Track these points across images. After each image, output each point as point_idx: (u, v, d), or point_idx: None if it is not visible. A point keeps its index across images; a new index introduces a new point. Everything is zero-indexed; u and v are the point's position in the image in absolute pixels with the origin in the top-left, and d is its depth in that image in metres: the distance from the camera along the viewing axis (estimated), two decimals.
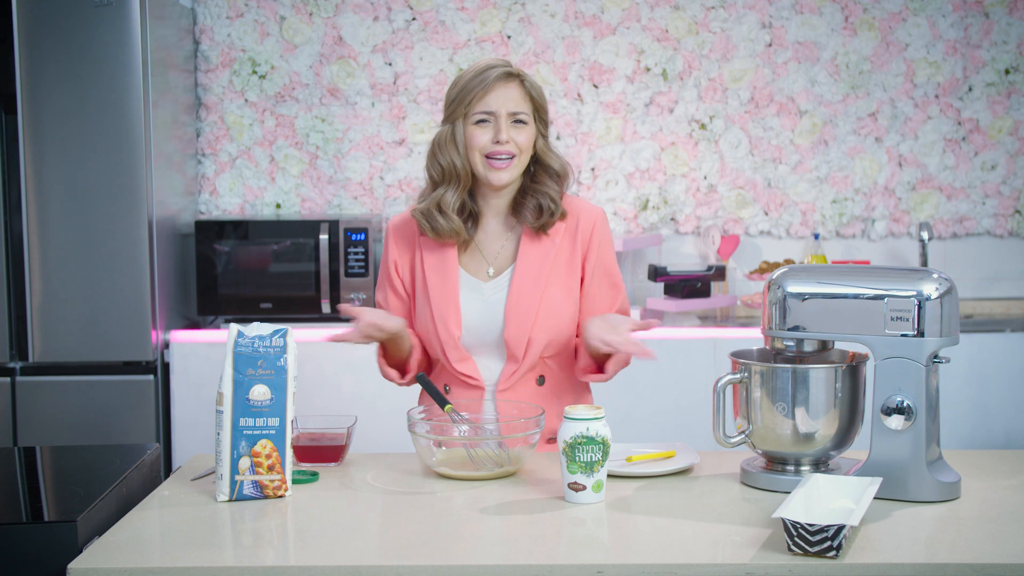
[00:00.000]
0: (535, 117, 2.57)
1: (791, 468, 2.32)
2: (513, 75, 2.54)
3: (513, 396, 2.58)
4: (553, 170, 2.59)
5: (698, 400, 4.12)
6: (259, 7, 4.62)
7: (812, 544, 1.90)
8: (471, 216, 2.61)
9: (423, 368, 2.66)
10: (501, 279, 2.61)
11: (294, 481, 2.34)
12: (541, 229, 2.58)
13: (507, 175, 2.55)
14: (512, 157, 2.54)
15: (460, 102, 2.54)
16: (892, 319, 2.22)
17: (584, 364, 2.58)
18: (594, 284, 2.62)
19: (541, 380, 2.60)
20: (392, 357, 2.63)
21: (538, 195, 2.58)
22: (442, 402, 2.46)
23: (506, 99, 2.52)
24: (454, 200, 2.57)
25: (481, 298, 2.60)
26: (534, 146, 2.58)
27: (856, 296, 2.25)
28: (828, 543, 1.89)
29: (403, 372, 2.65)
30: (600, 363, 2.56)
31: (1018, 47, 4.64)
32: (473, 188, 2.61)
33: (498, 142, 2.52)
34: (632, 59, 4.63)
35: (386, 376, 2.64)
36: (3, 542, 1.98)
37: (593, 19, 4.62)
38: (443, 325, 2.58)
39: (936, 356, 2.22)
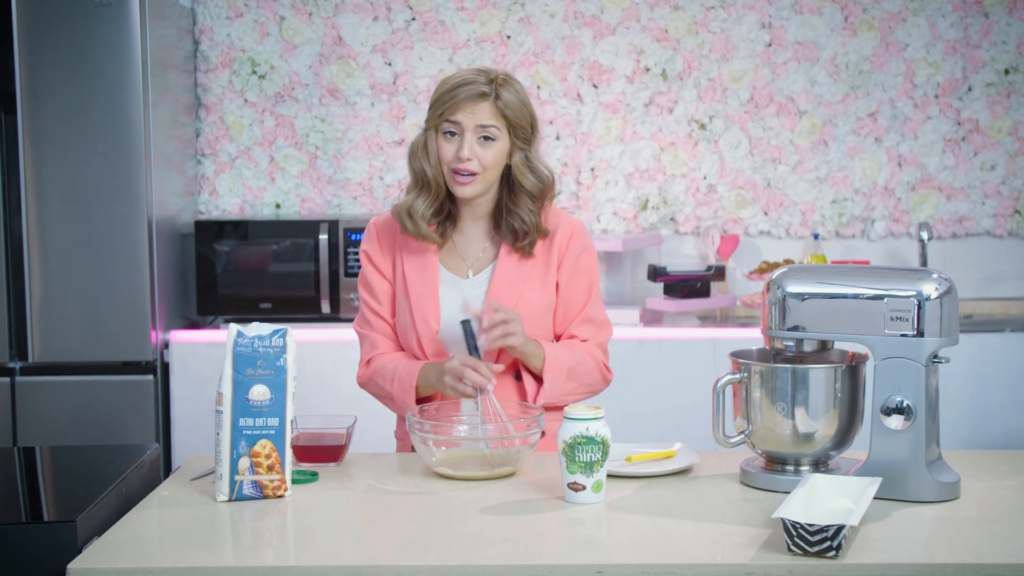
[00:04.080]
0: (511, 134, 2.56)
1: (791, 468, 2.32)
2: (486, 94, 2.52)
3: (493, 392, 2.58)
4: (526, 190, 2.59)
5: (698, 400, 4.12)
6: (259, 7, 4.62)
7: (812, 544, 1.90)
8: (449, 216, 2.64)
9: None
10: (480, 277, 2.64)
11: (294, 481, 2.34)
12: (522, 250, 2.61)
13: (470, 190, 2.56)
14: (475, 174, 2.55)
15: (434, 111, 2.55)
16: (892, 319, 2.22)
17: (530, 392, 2.60)
18: (570, 288, 2.66)
19: (518, 375, 2.63)
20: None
21: (512, 217, 2.60)
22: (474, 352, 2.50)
23: (475, 114, 2.52)
24: (424, 208, 2.59)
25: (460, 294, 2.62)
26: (509, 163, 2.58)
27: (856, 296, 2.25)
28: (828, 543, 1.89)
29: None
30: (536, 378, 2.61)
31: (1018, 47, 4.64)
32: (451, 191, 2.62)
33: (460, 158, 2.53)
34: (632, 59, 4.63)
35: (401, 407, 2.62)
36: (3, 542, 1.98)
37: (593, 19, 4.62)
38: (421, 318, 2.60)
39: (936, 356, 2.23)
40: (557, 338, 2.67)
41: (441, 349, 2.60)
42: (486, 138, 2.53)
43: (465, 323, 2.53)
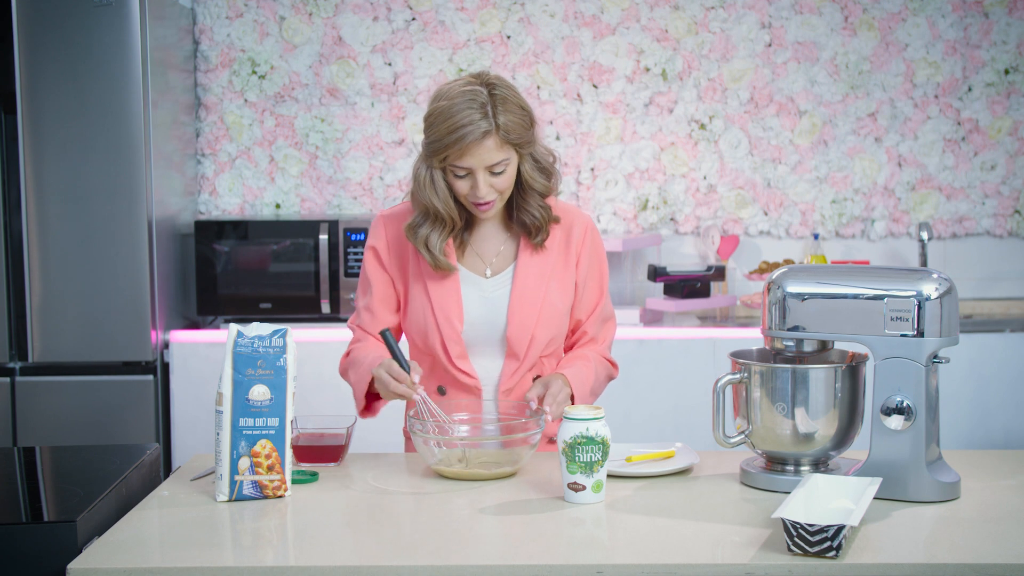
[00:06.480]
0: (517, 150, 2.51)
1: (791, 468, 2.32)
2: (489, 131, 2.44)
3: (515, 396, 2.58)
4: (537, 192, 2.58)
5: (698, 400, 4.12)
6: (259, 7, 4.62)
7: (812, 544, 1.90)
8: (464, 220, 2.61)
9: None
10: (501, 277, 2.61)
11: (294, 481, 2.34)
12: (539, 244, 2.60)
13: (492, 212, 2.55)
14: (493, 200, 2.53)
15: (436, 154, 2.48)
16: (892, 319, 2.22)
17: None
18: (586, 288, 2.66)
19: (537, 378, 2.60)
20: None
21: (523, 213, 2.58)
22: (405, 366, 2.43)
23: (482, 156, 2.46)
24: (440, 241, 2.56)
25: (482, 294, 2.60)
26: (519, 170, 2.55)
27: (856, 296, 2.25)
28: (828, 543, 1.89)
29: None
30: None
31: (1018, 47, 4.64)
32: None
33: (477, 196, 2.50)
34: (632, 59, 4.63)
35: (363, 406, 2.60)
36: (3, 542, 1.98)
37: (593, 19, 4.62)
38: (445, 318, 2.57)
39: (936, 356, 2.23)
40: (570, 331, 2.68)
41: (464, 350, 2.59)
42: (497, 172, 2.49)
43: (384, 333, 2.47)
